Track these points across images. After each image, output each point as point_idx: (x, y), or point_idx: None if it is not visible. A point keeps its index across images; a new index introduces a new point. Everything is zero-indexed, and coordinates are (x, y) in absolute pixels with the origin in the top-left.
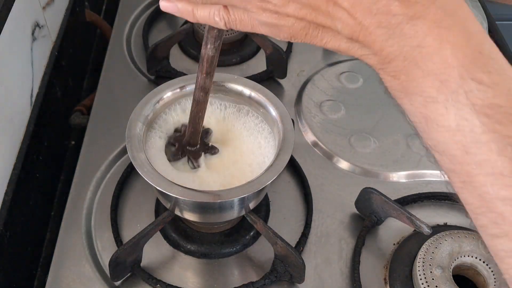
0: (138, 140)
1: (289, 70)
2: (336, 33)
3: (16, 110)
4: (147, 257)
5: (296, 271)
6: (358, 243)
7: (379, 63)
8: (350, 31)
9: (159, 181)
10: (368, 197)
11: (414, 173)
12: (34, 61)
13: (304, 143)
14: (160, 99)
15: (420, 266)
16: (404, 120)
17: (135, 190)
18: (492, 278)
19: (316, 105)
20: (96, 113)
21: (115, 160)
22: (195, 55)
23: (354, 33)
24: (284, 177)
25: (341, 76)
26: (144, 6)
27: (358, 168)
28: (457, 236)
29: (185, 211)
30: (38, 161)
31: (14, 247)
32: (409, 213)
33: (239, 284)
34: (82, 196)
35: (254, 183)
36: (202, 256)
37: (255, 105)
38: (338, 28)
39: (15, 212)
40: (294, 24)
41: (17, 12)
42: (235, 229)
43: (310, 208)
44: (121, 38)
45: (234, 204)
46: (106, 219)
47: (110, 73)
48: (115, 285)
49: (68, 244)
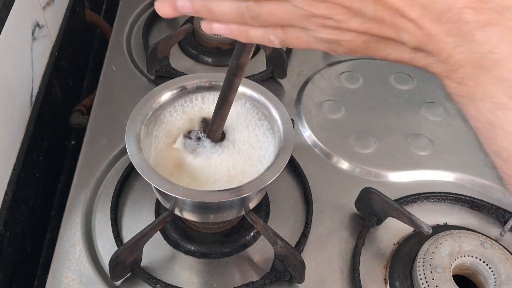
0: (138, 140)
1: (289, 70)
2: (399, 44)
3: (16, 110)
4: (147, 257)
5: (296, 271)
6: (358, 243)
7: (445, 70)
8: (416, 41)
9: (159, 181)
10: (368, 197)
11: (414, 173)
12: (34, 61)
13: (304, 143)
14: (159, 99)
15: (420, 266)
16: (404, 120)
17: (135, 190)
18: (492, 278)
19: (316, 105)
20: (96, 113)
21: (115, 160)
22: (195, 55)
23: (421, 42)
24: (284, 177)
25: (341, 76)
26: (144, 6)
27: (358, 168)
28: (457, 236)
29: (184, 211)
30: (38, 161)
31: (14, 247)
32: (409, 213)
33: (239, 284)
34: (82, 196)
35: (254, 183)
36: (202, 256)
37: (255, 105)
38: (404, 39)
39: (15, 212)
40: (356, 38)
41: (17, 12)
42: (235, 229)
43: (310, 208)
44: (121, 38)
45: (234, 204)
46: (106, 219)
47: (110, 73)
48: (115, 285)
49: (68, 244)
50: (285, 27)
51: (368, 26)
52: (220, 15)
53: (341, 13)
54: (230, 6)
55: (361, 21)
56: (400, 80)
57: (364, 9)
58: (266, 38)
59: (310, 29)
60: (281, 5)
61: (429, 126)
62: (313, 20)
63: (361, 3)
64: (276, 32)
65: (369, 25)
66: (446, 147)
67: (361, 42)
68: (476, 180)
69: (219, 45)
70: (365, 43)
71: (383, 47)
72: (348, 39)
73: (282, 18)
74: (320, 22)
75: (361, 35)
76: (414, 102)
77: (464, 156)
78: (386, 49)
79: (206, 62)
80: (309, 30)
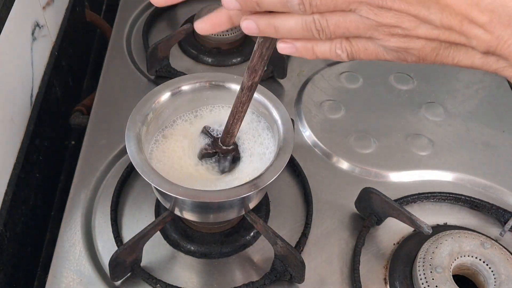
0: (137, 139)
1: (289, 70)
2: (469, 50)
3: (16, 110)
4: (147, 257)
5: (296, 271)
6: (358, 243)
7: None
8: (487, 46)
9: (159, 181)
10: (368, 197)
11: (414, 173)
12: (34, 61)
13: (304, 143)
14: (159, 99)
15: (420, 266)
16: (404, 120)
17: (135, 190)
18: (492, 278)
19: (316, 105)
20: (96, 113)
21: (115, 160)
22: (195, 55)
23: (491, 47)
24: (284, 177)
25: (341, 76)
26: (144, 6)
27: (358, 168)
28: (457, 236)
29: (184, 210)
30: (38, 161)
31: (14, 247)
32: (409, 213)
33: (239, 284)
34: (82, 196)
35: (254, 183)
36: (202, 256)
37: (255, 104)
38: (473, 44)
39: (15, 212)
40: (425, 45)
41: (17, 12)
42: (235, 229)
43: (310, 208)
44: (121, 38)
45: (234, 204)
46: (106, 219)
47: (110, 73)
48: (115, 285)
49: (68, 244)
50: (352, 39)
51: (437, 32)
52: (286, 32)
53: (408, 21)
54: (295, 22)
55: (430, 27)
56: (400, 80)
57: (431, 16)
58: (333, 52)
59: (377, 38)
60: (348, 16)
61: (429, 126)
62: (381, 30)
63: (427, 11)
64: (343, 44)
65: (438, 31)
66: (446, 147)
67: (431, 49)
68: (476, 180)
69: (219, 45)
70: (434, 50)
71: (453, 54)
72: (417, 46)
73: (349, 29)
74: (388, 31)
75: (430, 42)
76: (414, 102)
77: (464, 156)
78: (456, 55)
79: (206, 62)
80: (377, 39)
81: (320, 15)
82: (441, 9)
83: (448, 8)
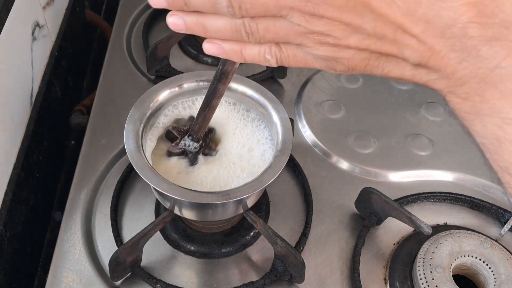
0: (137, 139)
1: (289, 70)
2: (400, 61)
3: (16, 110)
4: (147, 257)
5: (296, 271)
6: (358, 243)
7: (448, 86)
8: (419, 57)
9: (157, 181)
10: (368, 197)
11: (414, 173)
12: (34, 61)
13: (304, 143)
14: (158, 98)
15: (420, 266)
16: (404, 120)
17: (135, 190)
18: (492, 278)
19: (316, 105)
20: (96, 113)
21: (115, 160)
22: (195, 55)
23: (423, 58)
24: (284, 177)
25: (341, 76)
26: (144, 6)
27: (358, 168)
28: (457, 236)
29: (183, 209)
30: (38, 161)
31: (14, 247)
32: (409, 213)
33: (239, 284)
34: (82, 196)
35: (252, 184)
36: (202, 256)
37: (254, 104)
38: (406, 55)
39: (15, 212)
40: (354, 55)
41: (17, 12)
42: (235, 229)
43: (310, 208)
44: (121, 38)
45: (233, 203)
46: (106, 219)
47: (110, 73)
48: (115, 285)
49: (68, 244)
50: (282, 44)
51: (368, 42)
52: (215, 32)
53: (340, 29)
54: (225, 23)
55: (361, 37)
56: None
57: (365, 25)
58: (262, 56)
59: (307, 46)
60: (278, 22)
61: (429, 126)
62: (311, 37)
63: (361, 19)
64: (272, 50)
65: (369, 41)
66: (446, 147)
67: (360, 59)
68: (476, 180)
69: None
70: (364, 60)
71: (384, 64)
72: (347, 56)
73: (279, 35)
74: (318, 39)
75: (361, 52)
76: (414, 102)
77: (464, 156)
78: (386, 66)
79: (206, 62)
80: (307, 47)
81: (251, 18)
82: (375, 18)
83: (382, 17)
